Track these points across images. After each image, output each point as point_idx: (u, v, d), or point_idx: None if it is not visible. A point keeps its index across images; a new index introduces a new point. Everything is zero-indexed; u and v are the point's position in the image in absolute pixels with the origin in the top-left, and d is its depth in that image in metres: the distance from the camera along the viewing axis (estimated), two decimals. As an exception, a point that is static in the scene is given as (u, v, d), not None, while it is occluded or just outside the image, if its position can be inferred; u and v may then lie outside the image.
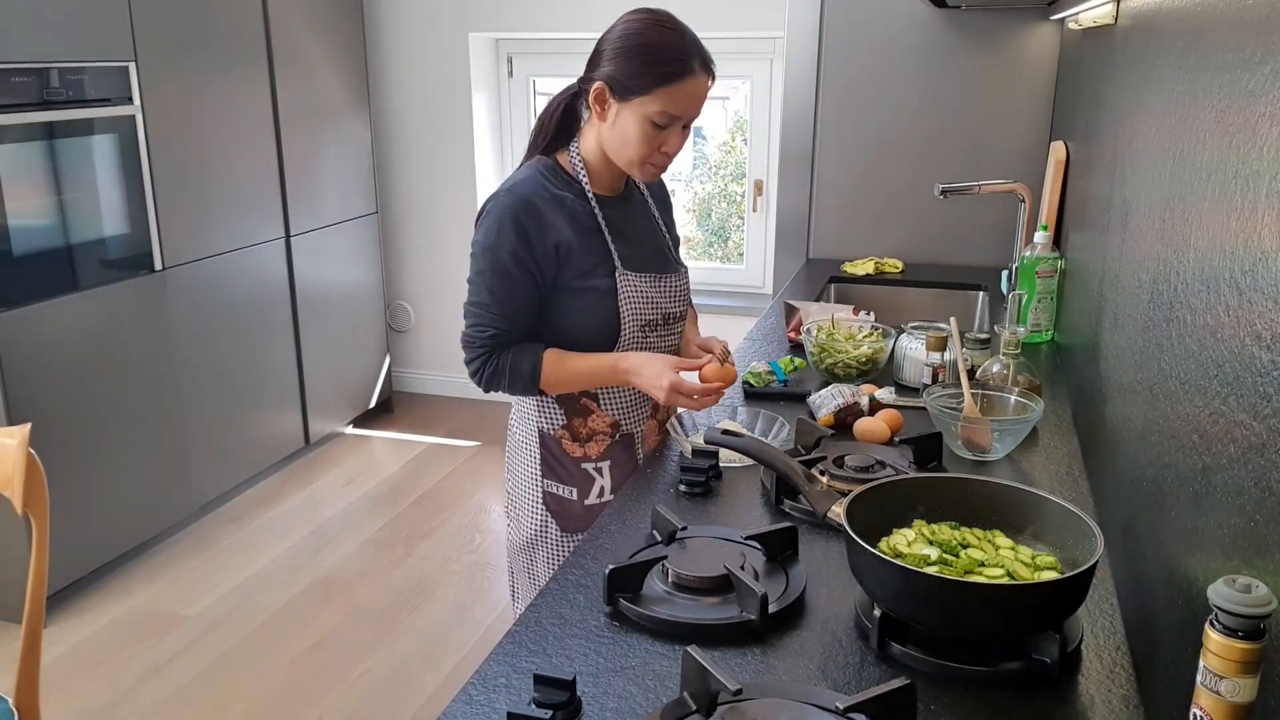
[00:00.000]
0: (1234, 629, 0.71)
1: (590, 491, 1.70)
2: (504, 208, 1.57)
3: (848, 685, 1.08)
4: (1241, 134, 0.87)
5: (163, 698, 2.59)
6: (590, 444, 1.71)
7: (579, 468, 1.71)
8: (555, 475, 1.71)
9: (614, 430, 1.72)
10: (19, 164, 2.74)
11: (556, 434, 1.70)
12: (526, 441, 1.73)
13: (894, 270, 3.06)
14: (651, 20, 1.57)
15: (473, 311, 1.61)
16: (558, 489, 1.71)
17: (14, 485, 1.60)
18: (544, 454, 1.71)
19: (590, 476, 1.71)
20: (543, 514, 1.72)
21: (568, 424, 1.70)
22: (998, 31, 2.97)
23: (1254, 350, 0.79)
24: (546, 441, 1.71)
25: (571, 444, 1.70)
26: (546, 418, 1.70)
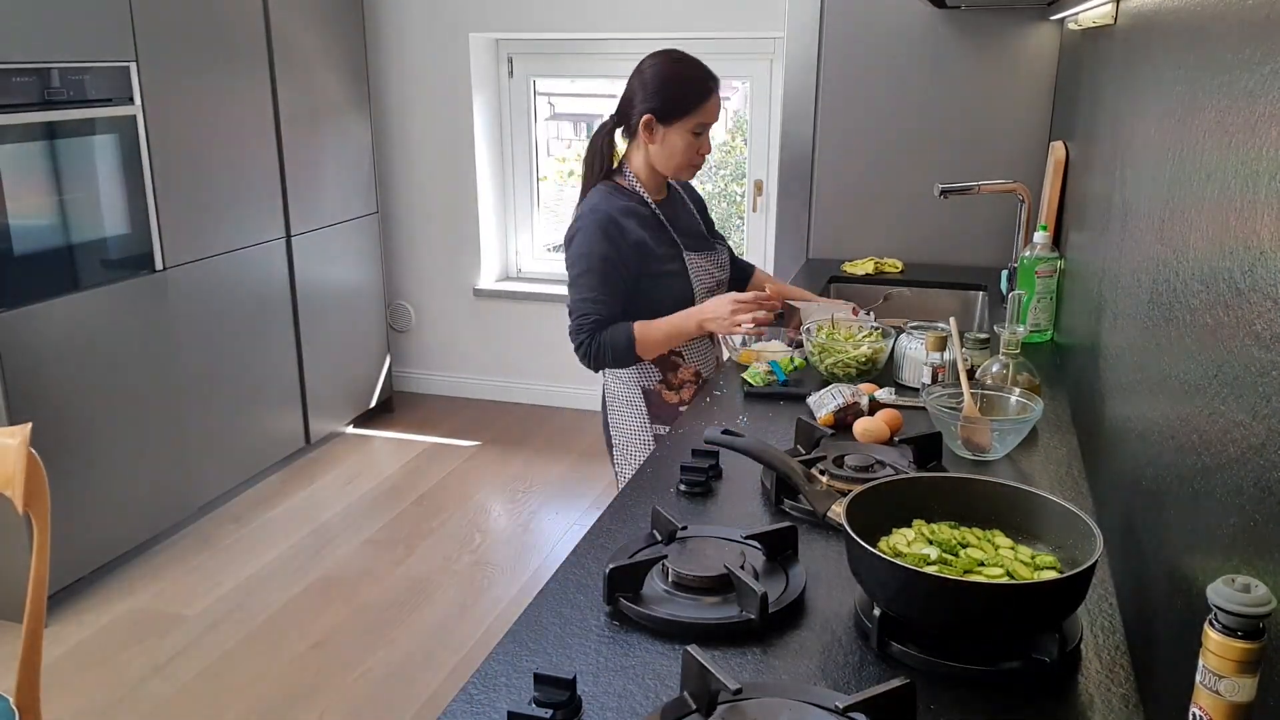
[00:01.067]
0: (1233, 628, 0.71)
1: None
2: (592, 224, 2.00)
3: (847, 685, 1.08)
4: (1241, 134, 0.87)
5: (163, 698, 2.59)
6: (682, 390, 2.16)
7: (676, 411, 2.12)
8: (661, 419, 2.13)
9: (697, 377, 2.17)
10: (20, 164, 2.74)
11: (655, 388, 2.15)
12: (631, 398, 2.15)
13: (894, 270, 3.06)
14: (673, 59, 2.03)
15: (578, 306, 2.01)
16: (665, 430, 2.08)
17: (15, 485, 1.60)
18: (649, 405, 2.14)
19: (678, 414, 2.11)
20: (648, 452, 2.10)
21: (663, 378, 2.15)
22: (998, 31, 2.97)
23: (1253, 350, 0.79)
24: (649, 395, 2.14)
25: (669, 393, 2.15)
26: (645, 377, 2.14)
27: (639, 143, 2.06)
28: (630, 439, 2.18)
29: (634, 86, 2.03)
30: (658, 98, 2.00)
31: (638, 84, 2.03)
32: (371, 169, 4.30)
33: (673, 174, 2.10)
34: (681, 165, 2.07)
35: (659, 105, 2.00)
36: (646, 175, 2.09)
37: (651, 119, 2.01)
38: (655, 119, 2.01)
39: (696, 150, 2.05)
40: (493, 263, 4.67)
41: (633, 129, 2.05)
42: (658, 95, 2.00)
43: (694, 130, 2.02)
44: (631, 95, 2.04)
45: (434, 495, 3.76)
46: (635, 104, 2.02)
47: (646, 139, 2.03)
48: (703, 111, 2.01)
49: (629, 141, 2.09)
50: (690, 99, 2.00)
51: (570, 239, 2.04)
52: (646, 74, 2.02)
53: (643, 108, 2.01)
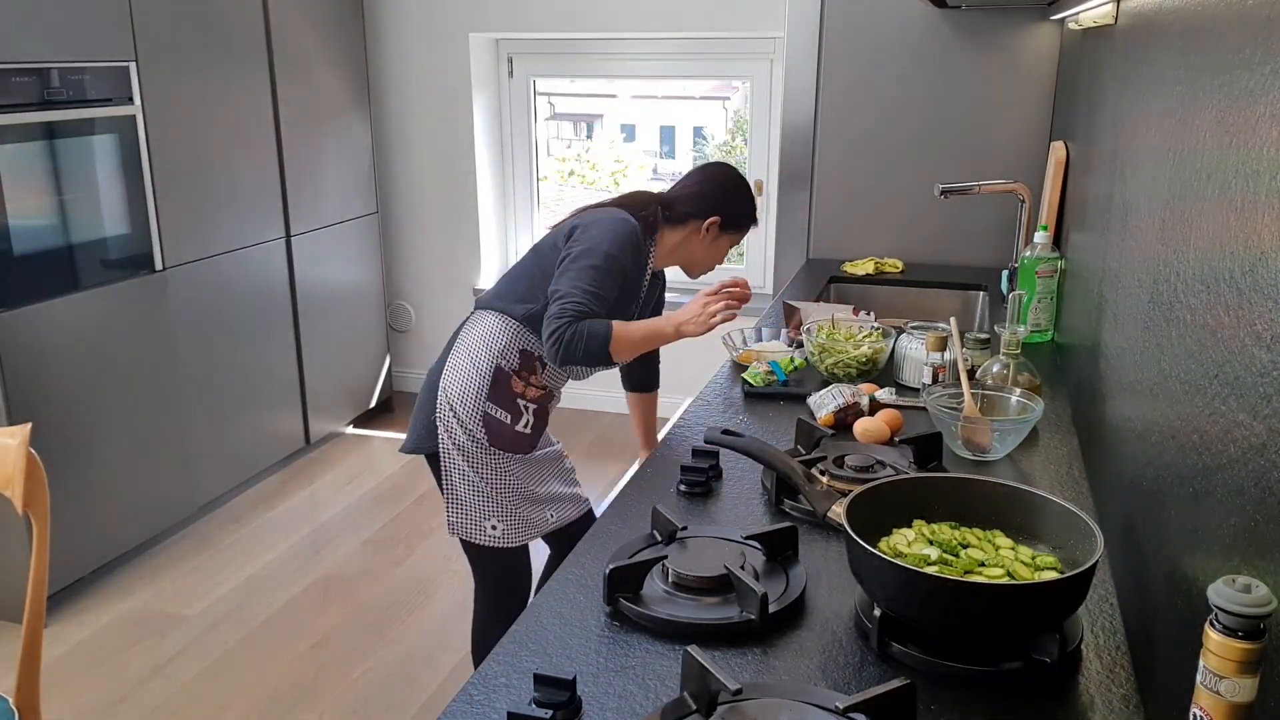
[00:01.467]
0: (1234, 629, 0.71)
1: (519, 421, 2.06)
2: (623, 228, 2.00)
3: (848, 685, 1.08)
4: (1241, 134, 0.87)
5: (163, 698, 2.59)
6: (529, 389, 2.07)
7: (515, 402, 2.06)
8: (497, 401, 2.04)
9: (548, 394, 2.12)
10: (19, 164, 2.74)
11: (508, 370, 2.04)
12: (480, 368, 2.03)
13: (894, 270, 3.06)
14: (741, 179, 2.18)
15: (572, 294, 1.92)
16: (496, 412, 2.04)
17: (14, 485, 1.60)
18: (494, 382, 2.03)
19: (520, 411, 2.07)
20: (479, 426, 2.03)
21: (519, 369, 2.05)
22: (998, 31, 2.97)
23: (1254, 350, 0.79)
24: (500, 374, 2.03)
25: (518, 383, 2.06)
26: (506, 359, 2.04)
27: (689, 233, 2.12)
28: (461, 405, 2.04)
29: (701, 182, 2.14)
30: (735, 207, 2.13)
31: (710, 184, 2.14)
32: (371, 169, 4.30)
33: (697, 270, 2.20)
34: (709, 268, 2.22)
35: (729, 213, 2.12)
36: (664, 254, 2.15)
37: (718, 222, 2.11)
38: (722, 224, 2.12)
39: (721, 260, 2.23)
40: (492, 263, 4.67)
41: (680, 218, 2.12)
42: (731, 204, 2.13)
43: (734, 243, 2.20)
44: (696, 191, 2.12)
45: (434, 495, 3.75)
46: (703, 201, 2.11)
47: (703, 235, 2.12)
48: (744, 233, 2.21)
49: (668, 227, 2.13)
50: (749, 218, 2.17)
51: (588, 226, 2.00)
52: (722, 180, 2.15)
53: (712, 207, 2.11)
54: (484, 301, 2.10)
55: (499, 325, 2.04)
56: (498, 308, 2.05)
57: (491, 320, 2.05)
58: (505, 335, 2.03)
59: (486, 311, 2.07)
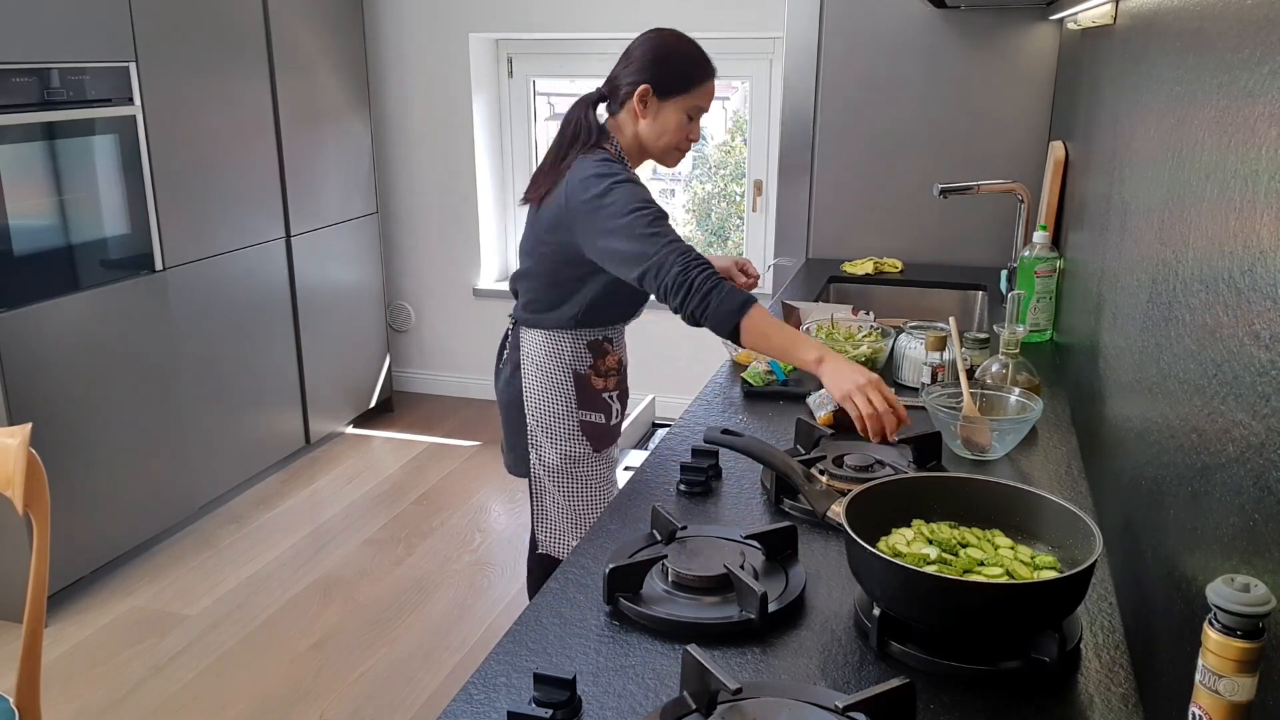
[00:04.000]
0: (1232, 628, 0.71)
1: (611, 415, 2.06)
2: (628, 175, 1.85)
3: (847, 684, 1.08)
4: (1240, 134, 0.87)
5: (163, 698, 2.59)
6: (607, 378, 2.05)
7: (602, 398, 2.04)
8: (588, 405, 2.02)
9: (620, 366, 2.08)
10: (19, 164, 2.74)
11: (586, 373, 2.01)
12: (561, 379, 2.00)
13: (893, 270, 3.06)
14: (676, 35, 1.95)
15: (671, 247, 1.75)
16: (591, 416, 2.02)
17: (14, 485, 1.60)
18: (578, 390, 2.00)
19: (608, 403, 2.05)
20: (579, 437, 2.02)
21: (593, 364, 2.02)
22: (997, 31, 2.97)
23: (1253, 350, 0.79)
24: (580, 380, 2.00)
25: (597, 379, 2.03)
26: (579, 359, 2.00)
27: (629, 115, 1.93)
28: (554, 425, 2.01)
29: (630, 58, 1.92)
30: (658, 70, 1.89)
31: (636, 55, 1.91)
32: (371, 169, 4.30)
33: (659, 154, 1.96)
34: (669, 146, 1.94)
35: (657, 77, 1.89)
36: (631, 150, 1.96)
37: (648, 90, 1.89)
38: (652, 91, 1.89)
39: (686, 134, 1.94)
40: (492, 262, 4.67)
41: (621, 100, 1.93)
42: (658, 67, 1.89)
43: (689, 112, 1.92)
44: (626, 66, 1.92)
45: (434, 495, 3.76)
46: (629, 74, 1.90)
47: (639, 111, 1.91)
48: (700, 93, 1.92)
49: (615, 115, 1.96)
50: (692, 77, 1.91)
51: (604, 190, 1.79)
52: (646, 46, 1.92)
53: (639, 77, 1.89)
54: (526, 320, 2.01)
55: (556, 338, 1.98)
56: (546, 325, 1.98)
57: (546, 336, 1.98)
58: (565, 344, 1.98)
59: (533, 330, 2.00)
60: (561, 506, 2.05)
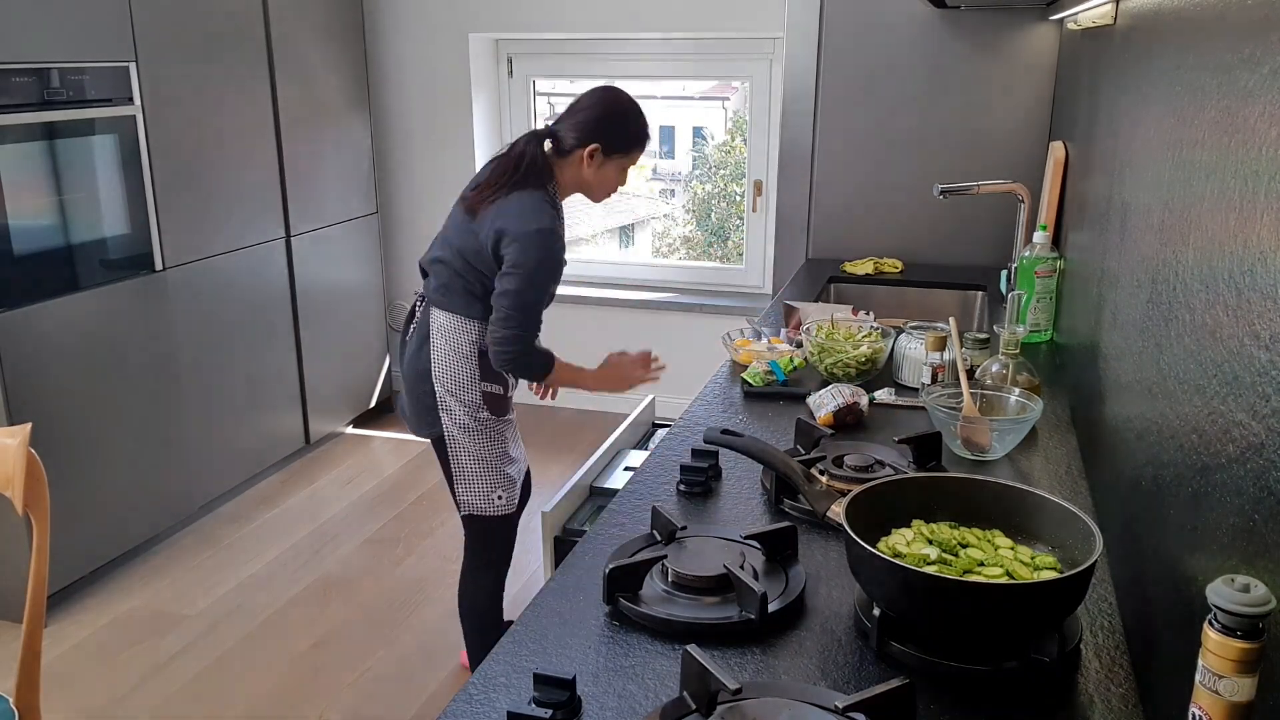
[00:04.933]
0: (1232, 628, 0.71)
1: (507, 387, 2.32)
2: (557, 242, 2.16)
3: (847, 684, 1.08)
4: (1240, 134, 0.87)
5: (163, 698, 2.59)
6: None
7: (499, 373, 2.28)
8: (488, 378, 2.27)
9: None
10: (19, 164, 2.74)
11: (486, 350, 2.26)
12: (467, 353, 2.25)
13: (894, 270, 3.06)
14: (624, 100, 2.24)
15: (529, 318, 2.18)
16: (491, 388, 2.28)
17: (14, 485, 1.60)
18: (481, 364, 2.25)
19: (504, 377, 2.30)
20: (479, 404, 2.27)
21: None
22: (997, 31, 2.97)
23: (1253, 350, 0.79)
24: (482, 356, 2.25)
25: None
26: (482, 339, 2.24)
27: (574, 162, 2.21)
28: (461, 393, 2.27)
29: (580, 112, 2.21)
30: (607, 132, 2.19)
31: (589, 114, 2.20)
32: (371, 169, 4.30)
33: (595, 197, 2.30)
34: (607, 193, 2.29)
35: (607, 140, 2.19)
36: (566, 189, 2.27)
37: (597, 149, 2.19)
38: (601, 150, 2.19)
39: (619, 183, 2.30)
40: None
41: (568, 148, 2.21)
42: (608, 131, 2.19)
43: (626, 167, 2.27)
44: (574, 119, 2.20)
45: (434, 495, 3.76)
46: (579, 131, 2.19)
47: (586, 163, 2.20)
48: (638, 153, 2.27)
49: (557, 159, 2.23)
50: (636, 140, 2.24)
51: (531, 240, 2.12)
52: (599, 109, 2.21)
53: (589, 138, 2.18)
54: (439, 302, 2.27)
55: (464, 322, 2.24)
56: (458, 310, 2.24)
57: (455, 319, 2.25)
58: (472, 327, 2.24)
59: (446, 313, 2.25)
60: (476, 457, 2.30)
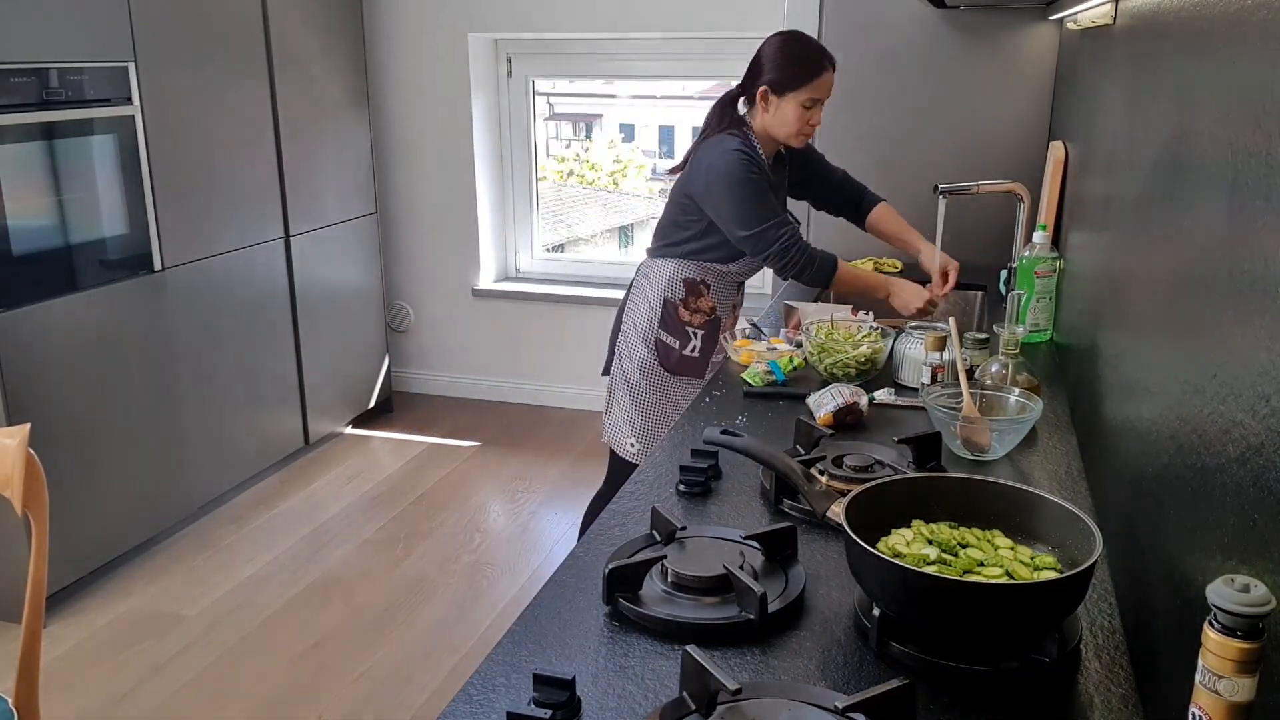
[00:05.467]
0: (1232, 628, 0.71)
1: (687, 345, 2.42)
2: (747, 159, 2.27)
3: (847, 685, 1.08)
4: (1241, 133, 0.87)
5: (163, 698, 2.59)
6: (695, 315, 2.42)
7: (683, 328, 2.42)
8: (668, 329, 2.41)
9: (712, 312, 2.45)
10: (19, 164, 2.74)
11: (676, 301, 2.41)
12: (653, 300, 2.42)
13: (892, 270, 3.06)
14: (790, 37, 2.34)
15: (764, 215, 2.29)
16: (667, 338, 2.41)
17: (14, 485, 1.60)
18: (664, 312, 2.40)
19: (689, 336, 2.42)
20: (652, 351, 2.42)
21: (684, 299, 2.42)
22: (997, 31, 2.97)
23: (1253, 350, 0.79)
24: (668, 304, 2.41)
25: (684, 311, 2.42)
26: (673, 289, 2.41)
27: (757, 110, 2.33)
28: (635, 337, 2.45)
29: (758, 60, 2.32)
30: (774, 71, 2.28)
31: (761, 58, 2.31)
32: (370, 169, 4.30)
33: (784, 138, 2.35)
34: (792, 133, 2.33)
35: (775, 78, 2.28)
36: (763, 139, 2.36)
37: (767, 90, 2.29)
38: (770, 90, 2.29)
39: (807, 120, 2.32)
40: (491, 263, 4.67)
41: (751, 98, 2.34)
42: (774, 68, 2.28)
43: (804, 103, 2.29)
44: (755, 68, 2.32)
45: (433, 495, 3.76)
46: (758, 76, 2.31)
47: (763, 107, 2.31)
48: (814, 86, 2.28)
49: (749, 109, 2.37)
50: (804, 74, 2.27)
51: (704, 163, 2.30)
52: (768, 49, 2.31)
53: (762, 80, 2.30)
54: (651, 250, 2.48)
55: (664, 265, 2.42)
56: (660, 252, 2.43)
57: (658, 263, 2.43)
58: (669, 271, 2.40)
59: (653, 260, 2.45)
60: (626, 409, 2.44)
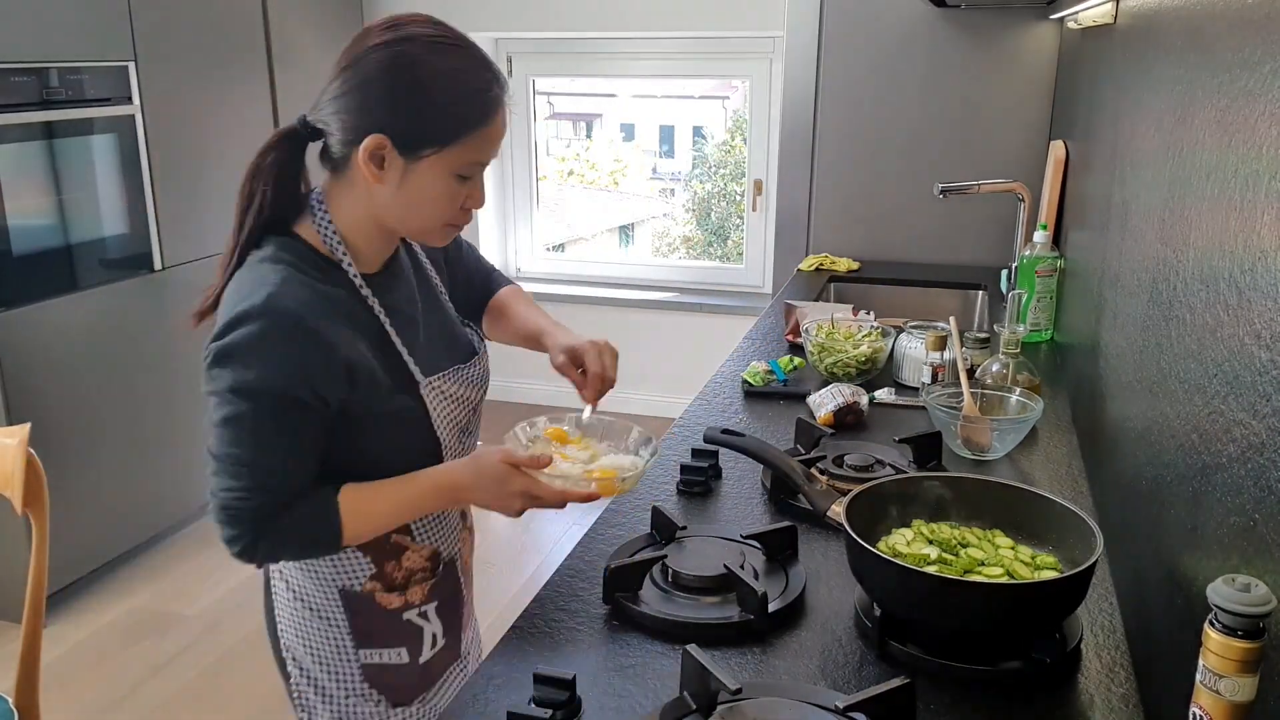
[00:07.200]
0: (1233, 628, 0.71)
1: (423, 647, 1.34)
2: (261, 334, 1.11)
3: (847, 684, 1.08)
4: (1241, 133, 0.87)
5: (163, 698, 2.59)
6: (410, 589, 1.32)
7: (401, 622, 1.31)
8: (373, 641, 1.30)
9: (434, 563, 1.35)
10: (19, 164, 2.74)
11: (364, 588, 1.28)
12: (319, 607, 1.29)
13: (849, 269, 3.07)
14: (430, 41, 1.15)
15: (227, 471, 1.14)
16: (381, 656, 1.31)
17: (14, 485, 1.60)
18: (352, 619, 1.29)
19: (418, 628, 1.33)
20: (365, 693, 1.31)
21: (377, 572, 1.29)
22: (997, 31, 2.97)
23: (1253, 349, 0.79)
24: (353, 602, 1.28)
25: (386, 595, 1.30)
26: (347, 572, 1.28)
27: (350, 180, 1.18)
28: (317, 672, 1.32)
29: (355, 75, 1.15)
30: (401, 108, 1.13)
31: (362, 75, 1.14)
32: (371, 169, 4.29)
33: (418, 237, 1.26)
34: (431, 226, 1.21)
35: (401, 122, 1.13)
36: (362, 235, 1.21)
37: (384, 144, 1.12)
38: (391, 145, 1.13)
39: (461, 202, 1.20)
40: (492, 262, 4.66)
41: (339, 152, 1.17)
42: (396, 104, 1.13)
43: (461, 172, 1.16)
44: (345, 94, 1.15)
45: (434, 495, 3.76)
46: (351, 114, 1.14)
47: (373, 176, 1.14)
48: (480, 140, 1.16)
49: (332, 174, 1.20)
50: (461, 117, 1.14)
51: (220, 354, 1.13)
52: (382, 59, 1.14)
53: (366, 120, 1.13)
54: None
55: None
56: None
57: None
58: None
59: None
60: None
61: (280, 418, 1.14)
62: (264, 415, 1.13)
